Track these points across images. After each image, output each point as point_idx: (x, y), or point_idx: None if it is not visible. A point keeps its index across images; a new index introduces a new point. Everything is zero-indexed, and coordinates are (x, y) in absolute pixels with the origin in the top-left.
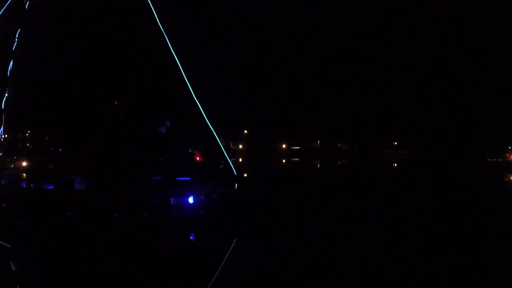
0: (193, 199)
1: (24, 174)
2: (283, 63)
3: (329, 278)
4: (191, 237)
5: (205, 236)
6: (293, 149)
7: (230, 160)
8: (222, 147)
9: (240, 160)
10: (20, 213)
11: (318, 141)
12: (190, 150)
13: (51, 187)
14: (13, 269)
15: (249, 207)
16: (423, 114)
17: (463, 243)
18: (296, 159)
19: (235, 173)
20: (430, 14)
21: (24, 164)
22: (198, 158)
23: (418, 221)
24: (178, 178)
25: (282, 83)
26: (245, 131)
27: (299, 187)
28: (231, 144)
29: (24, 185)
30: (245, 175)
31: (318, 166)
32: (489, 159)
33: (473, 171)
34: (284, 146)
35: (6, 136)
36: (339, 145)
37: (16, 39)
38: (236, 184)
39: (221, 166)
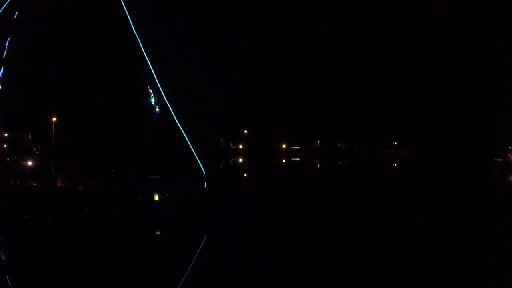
0: (159, 196)
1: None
2: (283, 63)
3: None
4: (156, 233)
5: (171, 233)
6: (293, 149)
7: (199, 159)
8: (191, 147)
9: (240, 160)
10: (6, 207)
11: (318, 141)
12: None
13: (35, 183)
14: None
15: (218, 205)
16: (423, 114)
17: (463, 243)
18: (297, 159)
19: (204, 172)
20: (430, 14)
21: (12, 162)
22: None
23: (418, 221)
24: (148, 176)
25: (282, 83)
26: (245, 131)
27: (291, 187)
28: (231, 144)
29: (12, 182)
30: (245, 175)
31: (318, 166)
32: (497, 159)
33: (474, 171)
34: (284, 146)
35: None
36: (339, 145)
37: (7, 48)
38: (206, 183)
39: (221, 166)
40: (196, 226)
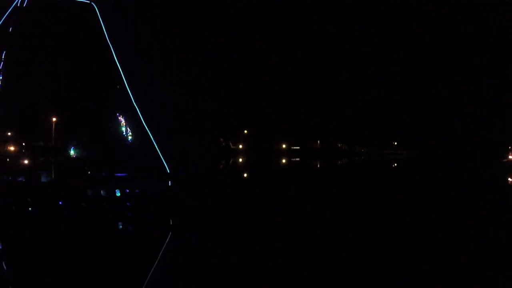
0: (120, 192)
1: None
2: (283, 64)
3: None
4: (119, 226)
5: (133, 226)
6: (293, 149)
7: (164, 159)
8: (157, 148)
9: (240, 160)
10: None
11: (318, 141)
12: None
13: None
14: None
15: (181, 202)
16: (423, 114)
17: (462, 242)
18: (297, 159)
19: (168, 171)
20: (430, 15)
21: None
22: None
23: (418, 220)
24: (116, 174)
25: (282, 83)
26: (245, 131)
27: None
28: (231, 144)
29: (5, 178)
30: (245, 175)
31: (318, 166)
32: (503, 160)
33: (476, 171)
34: (284, 146)
35: None
36: (339, 145)
37: (2, 60)
38: (170, 181)
39: (221, 166)
40: (161, 221)
